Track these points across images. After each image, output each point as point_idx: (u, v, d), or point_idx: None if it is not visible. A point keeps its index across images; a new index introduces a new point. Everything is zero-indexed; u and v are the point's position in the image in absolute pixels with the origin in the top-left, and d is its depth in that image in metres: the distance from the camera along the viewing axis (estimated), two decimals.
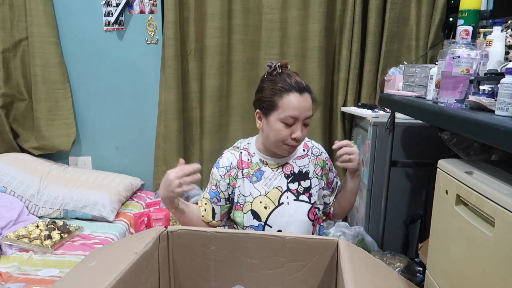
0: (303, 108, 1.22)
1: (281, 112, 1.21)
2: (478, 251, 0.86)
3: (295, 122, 1.22)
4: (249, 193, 1.28)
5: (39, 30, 2.34)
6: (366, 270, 0.91)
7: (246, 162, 1.32)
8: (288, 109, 1.21)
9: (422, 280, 1.54)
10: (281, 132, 1.22)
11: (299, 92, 1.22)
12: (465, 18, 1.34)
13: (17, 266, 1.64)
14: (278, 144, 1.25)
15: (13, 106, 2.46)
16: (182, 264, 1.07)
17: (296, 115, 1.21)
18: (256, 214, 1.28)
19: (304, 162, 1.35)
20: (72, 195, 2.15)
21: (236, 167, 1.31)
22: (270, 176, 1.31)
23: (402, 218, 2.05)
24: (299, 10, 2.36)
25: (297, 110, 1.21)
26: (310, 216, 1.30)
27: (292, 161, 1.34)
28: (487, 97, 1.09)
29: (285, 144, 1.24)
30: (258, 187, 1.29)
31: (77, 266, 0.97)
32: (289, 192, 1.30)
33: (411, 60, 2.39)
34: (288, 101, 1.21)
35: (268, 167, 1.32)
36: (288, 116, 1.21)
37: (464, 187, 0.93)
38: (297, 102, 1.21)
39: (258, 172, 1.31)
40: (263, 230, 1.27)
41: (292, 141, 1.23)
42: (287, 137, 1.23)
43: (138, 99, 2.55)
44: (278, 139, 1.23)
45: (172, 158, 2.49)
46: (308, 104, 1.24)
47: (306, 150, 1.38)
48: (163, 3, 2.36)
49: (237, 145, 1.38)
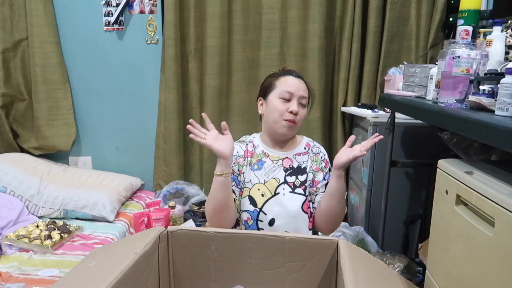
0: (298, 86, 1.35)
1: (278, 89, 1.35)
2: (478, 251, 0.86)
3: (291, 98, 1.33)
4: (249, 180, 1.36)
5: (39, 30, 2.34)
6: (366, 270, 0.91)
7: (250, 152, 1.41)
8: (284, 85, 1.35)
9: (422, 280, 1.53)
10: (279, 107, 1.33)
11: (294, 75, 1.38)
12: (465, 18, 1.34)
13: (17, 266, 1.64)
14: (278, 121, 1.34)
15: (13, 106, 2.45)
16: (182, 264, 1.07)
17: (292, 90, 1.33)
18: (253, 200, 1.35)
19: (303, 159, 1.41)
20: (72, 195, 2.15)
21: (243, 156, 1.40)
22: (270, 167, 1.38)
23: (402, 218, 2.05)
24: (299, 10, 2.36)
25: (293, 86, 1.34)
26: (305, 209, 1.36)
27: (292, 156, 1.41)
28: (487, 97, 1.09)
29: (284, 120, 1.33)
30: (258, 175, 1.37)
31: (77, 266, 0.97)
32: (285, 184, 1.36)
33: (411, 60, 2.39)
34: (284, 80, 1.37)
35: (269, 159, 1.40)
36: (284, 91, 1.33)
37: (464, 187, 0.93)
38: (293, 81, 1.36)
39: (259, 161, 1.39)
40: (257, 216, 1.34)
41: (289, 115, 1.32)
42: (285, 111, 1.32)
43: (138, 99, 2.55)
44: (277, 114, 1.33)
45: (172, 158, 2.49)
46: (303, 86, 1.37)
47: (307, 148, 1.44)
48: (163, 3, 2.36)
49: (242, 139, 1.48)
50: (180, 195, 2.41)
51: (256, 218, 1.35)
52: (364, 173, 2.12)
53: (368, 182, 2.05)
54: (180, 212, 2.19)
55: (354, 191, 2.37)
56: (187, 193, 2.40)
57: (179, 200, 2.37)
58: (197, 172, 2.59)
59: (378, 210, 1.96)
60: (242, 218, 1.36)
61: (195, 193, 2.40)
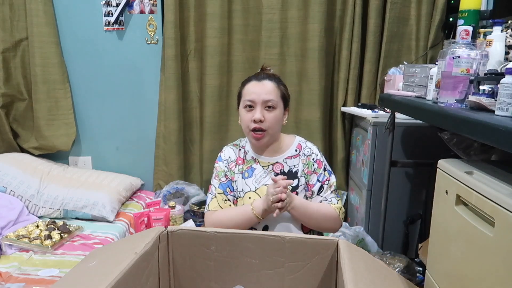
0: (259, 92, 1.32)
1: (243, 99, 1.36)
2: (478, 251, 0.86)
3: (254, 105, 1.32)
4: (241, 189, 1.37)
5: (39, 30, 2.34)
6: (366, 270, 0.91)
7: (241, 159, 1.40)
8: (246, 94, 1.35)
9: (422, 280, 1.54)
10: (244, 117, 1.34)
11: (257, 79, 1.36)
12: (465, 18, 1.34)
13: (17, 266, 1.64)
14: (247, 131, 1.34)
15: (13, 106, 2.45)
16: (182, 264, 1.07)
17: (252, 98, 1.32)
18: None
19: (294, 162, 1.40)
20: (72, 195, 2.15)
21: (235, 162, 1.40)
22: (261, 174, 1.38)
23: (402, 218, 2.05)
24: (299, 10, 2.36)
25: (253, 94, 1.33)
26: None
27: (283, 160, 1.39)
28: (487, 97, 1.09)
29: (251, 131, 1.32)
30: (248, 183, 1.37)
31: (77, 266, 0.97)
32: None
33: (411, 60, 2.39)
34: (247, 88, 1.36)
35: (260, 165, 1.39)
36: (246, 100, 1.34)
37: (464, 187, 0.93)
38: (254, 87, 1.34)
39: (250, 169, 1.39)
40: None
41: (253, 124, 1.31)
42: (250, 121, 1.31)
43: (138, 99, 2.55)
44: (244, 125, 1.34)
45: (172, 158, 2.49)
46: (266, 89, 1.33)
47: (298, 150, 1.42)
48: (163, 3, 2.36)
49: (236, 142, 1.47)
50: (180, 195, 2.41)
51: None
52: (364, 173, 2.12)
53: (368, 182, 2.05)
54: (180, 212, 2.19)
55: (354, 191, 2.37)
56: (187, 193, 2.40)
57: (179, 200, 2.37)
58: (197, 172, 2.59)
59: (378, 210, 1.96)
60: None
61: (195, 193, 2.40)
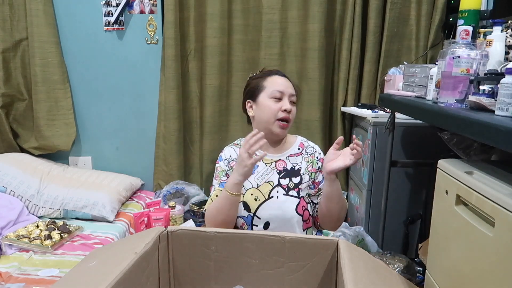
0: (287, 85, 1.38)
1: (268, 90, 1.36)
2: (478, 251, 0.86)
3: (282, 96, 1.35)
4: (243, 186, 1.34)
5: (39, 30, 2.34)
6: (366, 270, 0.91)
7: None
8: (274, 85, 1.36)
9: (422, 280, 1.53)
10: (271, 106, 1.34)
11: (280, 75, 1.42)
12: (465, 18, 1.34)
13: (17, 266, 1.64)
14: (271, 121, 1.34)
15: (13, 106, 2.45)
16: (182, 264, 1.07)
17: (281, 89, 1.35)
18: (246, 206, 1.35)
19: (297, 160, 1.41)
20: (72, 195, 2.15)
21: (236, 160, 1.38)
22: (263, 171, 1.38)
23: (402, 218, 2.05)
24: (299, 10, 2.36)
25: (282, 85, 1.37)
26: (299, 211, 1.35)
27: (286, 158, 1.40)
28: (487, 97, 1.09)
29: (277, 120, 1.33)
30: (250, 180, 1.36)
31: (77, 266, 0.97)
32: (279, 187, 1.36)
33: (411, 60, 2.39)
34: (272, 80, 1.38)
35: (262, 162, 1.39)
36: (275, 90, 1.35)
37: (464, 187, 0.93)
38: (281, 80, 1.39)
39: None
40: (252, 221, 1.35)
41: (283, 113, 1.33)
42: (278, 111, 1.33)
43: (138, 99, 2.55)
44: (270, 114, 1.33)
45: (172, 158, 2.49)
46: (290, 85, 1.39)
47: (301, 148, 1.43)
48: (163, 3, 2.36)
49: (237, 142, 1.47)
50: (180, 195, 2.41)
51: (250, 223, 1.35)
52: (364, 173, 2.12)
53: (368, 182, 2.05)
54: (180, 212, 2.19)
55: (354, 191, 2.37)
56: (187, 193, 2.40)
57: (179, 200, 2.37)
58: (197, 172, 2.59)
59: (378, 210, 1.96)
60: (238, 224, 1.36)
61: (195, 193, 2.40)
